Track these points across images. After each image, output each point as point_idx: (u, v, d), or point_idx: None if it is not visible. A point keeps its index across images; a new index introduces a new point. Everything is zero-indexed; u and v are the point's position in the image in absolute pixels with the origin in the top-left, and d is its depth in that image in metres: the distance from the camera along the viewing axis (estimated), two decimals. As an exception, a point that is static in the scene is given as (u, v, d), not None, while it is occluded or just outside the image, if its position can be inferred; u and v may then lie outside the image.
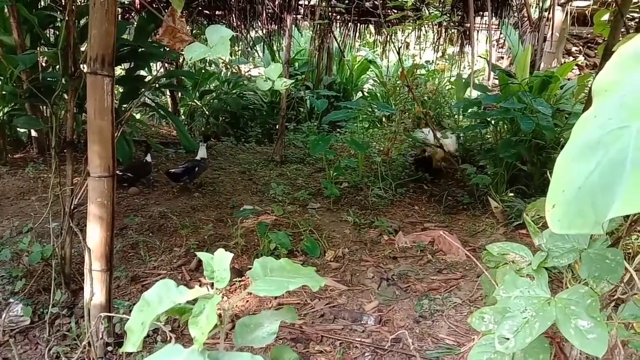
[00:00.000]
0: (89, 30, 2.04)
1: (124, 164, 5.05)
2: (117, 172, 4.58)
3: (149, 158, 4.81)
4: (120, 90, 5.80)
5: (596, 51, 6.86)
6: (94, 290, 2.25)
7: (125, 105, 5.51)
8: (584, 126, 0.64)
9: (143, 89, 5.32)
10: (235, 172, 5.48)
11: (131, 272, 3.10)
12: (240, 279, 3.06)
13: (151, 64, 6.40)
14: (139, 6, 6.24)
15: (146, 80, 5.84)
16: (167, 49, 6.17)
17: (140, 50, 5.16)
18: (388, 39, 6.76)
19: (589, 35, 6.77)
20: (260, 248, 3.35)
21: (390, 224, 4.06)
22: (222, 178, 5.16)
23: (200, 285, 2.87)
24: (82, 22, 4.55)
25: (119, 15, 6.67)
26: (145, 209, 4.15)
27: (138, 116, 7.60)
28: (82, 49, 2.96)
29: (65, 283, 2.71)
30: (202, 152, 4.87)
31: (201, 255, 0.63)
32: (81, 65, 2.62)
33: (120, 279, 2.98)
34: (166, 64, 7.49)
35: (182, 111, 8.11)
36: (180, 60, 7.43)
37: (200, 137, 7.37)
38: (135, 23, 5.79)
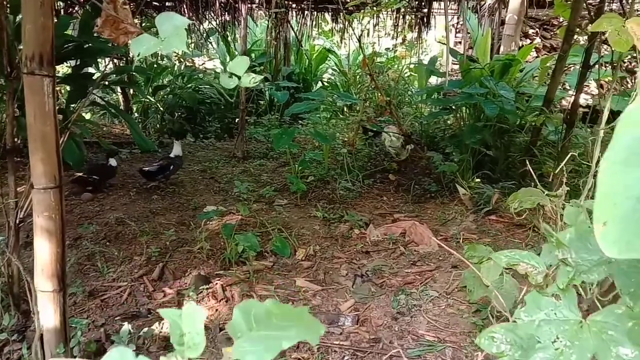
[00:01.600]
0: (22, 25, 1.81)
1: (74, 167, 4.75)
2: (81, 174, 4.43)
3: (113, 162, 4.60)
4: (67, 89, 5.45)
5: (552, 33, 6.95)
6: (47, 313, 2.04)
7: (73, 105, 5.18)
8: (632, 121, 0.53)
9: (91, 87, 4.99)
10: (196, 170, 5.24)
11: (88, 286, 2.87)
12: (207, 286, 2.88)
13: (99, 60, 6.05)
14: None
15: (94, 77, 5.50)
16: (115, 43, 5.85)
17: (86, 46, 4.84)
18: (347, 26, 6.62)
19: (544, 17, 6.85)
20: (227, 252, 3.18)
21: (360, 217, 3.95)
22: (181, 178, 4.92)
23: (164, 296, 2.66)
24: (19, 18, 4.21)
25: (62, 10, 6.27)
26: (100, 215, 3.89)
27: (88, 116, 7.21)
28: (21, 47, 2.69)
29: (14, 304, 2.47)
30: (177, 150, 4.74)
31: (165, 313, 0.48)
32: (20, 65, 2.37)
33: (77, 295, 2.75)
34: (115, 60, 7.12)
35: (135, 108, 7.74)
36: (131, 55, 7.07)
37: (155, 135, 7.10)
38: (80, 17, 5.44)
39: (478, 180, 4.61)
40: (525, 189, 1.88)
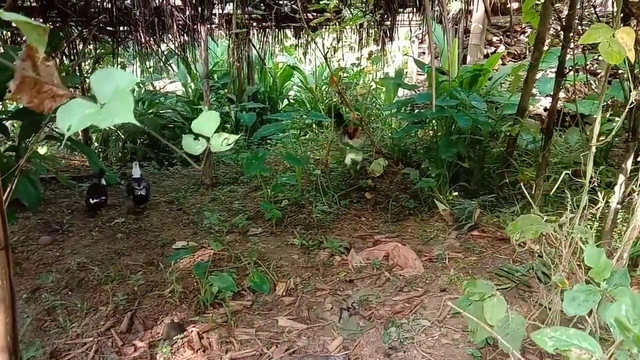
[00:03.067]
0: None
1: (30, 208, 4.43)
2: (91, 200, 4.47)
3: (103, 181, 4.76)
4: (19, 124, 5.11)
5: (515, 40, 7.00)
6: (-3, 394, 1.77)
7: (28, 140, 4.86)
8: None
9: (45, 121, 4.68)
10: (162, 202, 4.96)
11: (49, 346, 2.59)
12: (181, 335, 2.64)
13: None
14: (30, 28, 5.56)
15: (48, 110, 5.19)
16: (68, 73, 5.54)
17: (36, 77, 4.54)
18: (312, 43, 6.50)
19: (506, 24, 6.89)
20: (202, 294, 2.94)
21: (339, 242, 3.77)
22: (147, 211, 4.64)
23: (135, 351, 2.40)
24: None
25: (8, 40, 5.93)
26: (60, 261, 3.59)
27: (43, 150, 6.82)
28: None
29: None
30: (137, 171, 4.79)
31: None
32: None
33: (36, 359, 2.47)
34: (70, 89, 6.79)
35: (94, 138, 7.40)
36: (87, 82, 6.75)
37: (117, 165, 6.79)
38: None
39: (455, 193, 4.51)
40: (524, 216, 1.75)
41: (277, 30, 7.46)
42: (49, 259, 3.64)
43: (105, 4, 4.87)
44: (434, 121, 5.05)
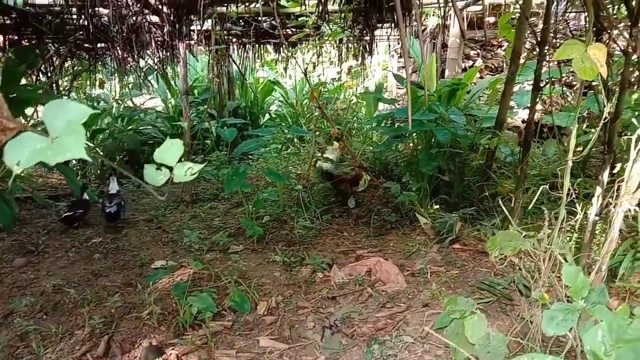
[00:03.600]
0: None
1: (5, 229, 4.34)
2: (68, 213, 4.48)
3: (86, 196, 4.78)
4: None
5: (492, 53, 7.12)
6: None
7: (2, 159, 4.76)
8: None
9: (19, 139, 4.60)
10: (141, 220, 4.88)
11: (21, 373, 2.51)
12: (160, 358, 2.57)
13: (28, 109, 5.63)
14: (3, 44, 5.48)
15: (23, 128, 5.08)
16: (44, 90, 5.45)
17: (11, 96, 4.45)
18: (291, 59, 6.52)
19: (483, 38, 7.01)
20: (181, 315, 2.88)
21: (322, 258, 3.74)
22: (125, 230, 4.56)
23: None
24: None
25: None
26: (35, 283, 3.49)
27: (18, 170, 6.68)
28: None
29: None
30: (115, 186, 4.76)
31: None
32: None
33: (7, 388, 2.39)
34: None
35: (72, 156, 7.27)
36: (65, 97, 6.63)
37: (96, 182, 6.68)
38: (3, 65, 5.03)
39: (436, 207, 4.53)
40: (503, 232, 1.74)
41: (257, 45, 7.46)
42: (23, 282, 3.53)
43: (81, 21, 4.80)
44: (414, 135, 5.07)
